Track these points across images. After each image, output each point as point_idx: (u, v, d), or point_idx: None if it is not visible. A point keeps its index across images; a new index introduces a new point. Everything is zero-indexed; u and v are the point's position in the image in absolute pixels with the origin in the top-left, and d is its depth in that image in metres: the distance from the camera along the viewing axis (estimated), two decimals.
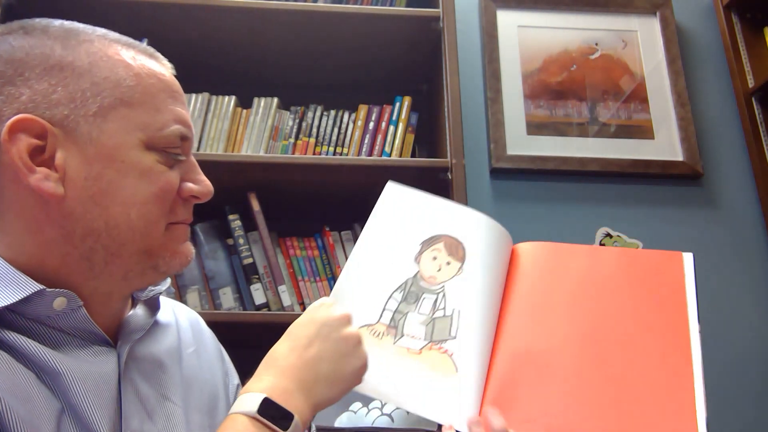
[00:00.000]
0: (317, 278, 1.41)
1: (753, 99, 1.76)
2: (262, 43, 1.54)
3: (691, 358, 0.61)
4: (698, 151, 1.70)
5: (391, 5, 1.64)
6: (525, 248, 0.73)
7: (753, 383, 1.53)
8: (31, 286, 0.53)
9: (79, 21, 0.69)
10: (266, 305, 1.36)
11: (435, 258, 0.69)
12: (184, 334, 0.72)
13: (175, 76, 0.67)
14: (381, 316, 0.66)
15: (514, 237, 1.66)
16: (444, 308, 0.66)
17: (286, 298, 1.36)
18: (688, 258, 0.70)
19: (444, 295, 0.67)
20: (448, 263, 0.69)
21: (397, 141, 1.50)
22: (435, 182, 1.39)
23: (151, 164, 0.58)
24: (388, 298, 0.66)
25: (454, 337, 0.64)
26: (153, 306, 0.68)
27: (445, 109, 1.43)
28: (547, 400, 0.60)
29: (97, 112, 0.56)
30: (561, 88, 1.77)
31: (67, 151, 0.55)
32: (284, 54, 1.58)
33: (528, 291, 0.68)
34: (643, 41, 1.83)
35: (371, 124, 1.51)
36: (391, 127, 1.51)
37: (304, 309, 1.38)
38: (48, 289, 0.54)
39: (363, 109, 1.53)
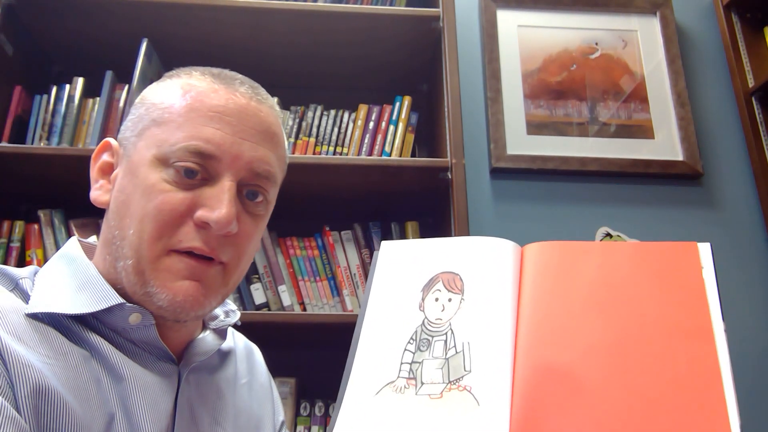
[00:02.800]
0: (317, 278, 1.41)
1: (753, 99, 1.76)
2: (262, 43, 1.54)
3: (718, 362, 0.57)
4: (698, 151, 1.70)
5: (391, 5, 1.64)
6: (533, 250, 0.70)
7: (752, 383, 1.53)
8: (115, 299, 0.58)
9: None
10: (266, 305, 1.36)
11: (437, 299, 0.68)
12: (240, 365, 0.75)
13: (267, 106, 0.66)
14: (399, 371, 0.64)
15: (514, 237, 1.66)
16: (455, 345, 0.64)
17: (286, 297, 1.36)
18: (704, 249, 0.63)
19: (452, 333, 0.65)
20: (450, 299, 0.67)
21: (397, 141, 1.49)
22: (435, 182, 1.39)
23: (154, 181, 0.58)
24: (403, 352, 0.65)
25: (470, 371, 0.62)
26: (221, 335, 0.70)
27: (445, 109, 1.43)
28: (577, 417, 0.57)
29: (138, 132, 0.62)
30: (561, 88, 1.76)
31: (120, 168, 0.62)
32: (284, 54, 1.58)
33: (542, 298, 0.65)
34: (643, 41, 1.83)
35: (371, 124, 1.51)
36: (391, 127, 1.51)
37: (304, 309, 1.38)
38: (127, 304, 0.58)
39: (363, 109, 1.53)
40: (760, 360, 1.55)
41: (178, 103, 0.60)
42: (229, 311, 0.73)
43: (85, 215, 1.41)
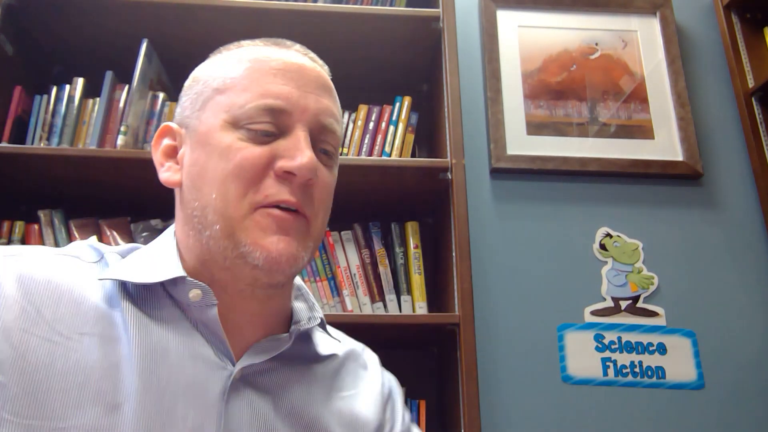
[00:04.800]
0: (317, 278, 1.41)
1: (753, 99, 1.76)
2: None
3: None
4: (698, 151, 1.70)
5: (391, 5, 1.64)
6: None
7: (753, 383, 1.53)
8: (178, 272, 0.57)
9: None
10: None
11: None
12: (346, 376, 0.69)
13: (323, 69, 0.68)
14: None
15: (513, 237, 1.67)
16: None
17: None
18: None
19: None
20: None
21: (397, 141, 1.49)
22: (435, 182, 1.39)
23: (230, 142, 0.58)
24: None
25: None
26: (305, 340, 0.65)
27: (445, 109, 1.43)
28: None
29: (200, 107, 0.62)
30: (561, 88, 1.76)
31: (186, 146, 0.62)
32: None
33: None
34: (643, 41, 1.83)
35: (371, 124, 1.51)
36: (391, 127, 1.51)
37: None
38: (189, 278, 0.57)
39: (363, 109, 1.53)
40: (759, 360, 1.55)
41: (238, 68, 0.61)
42: (311, 317, 0.67)
43: (85, 215, 1.41)
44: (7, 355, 0.49)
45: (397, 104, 1.52)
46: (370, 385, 0.70)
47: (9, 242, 1.38)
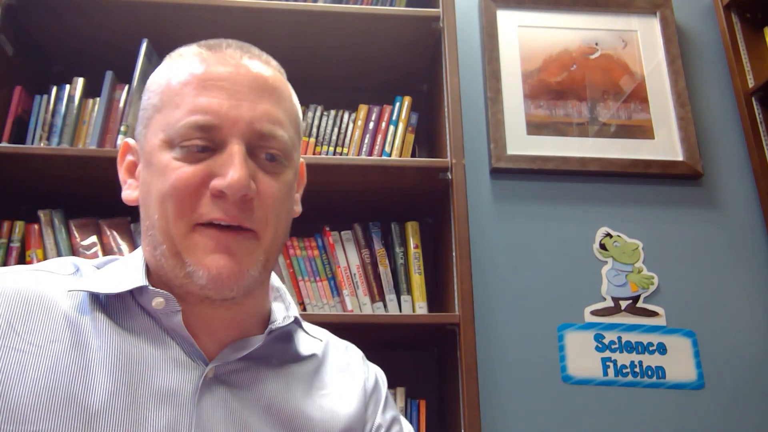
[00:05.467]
0: (317, 278, 1.41)
1: (753, 99, 1.76)
2: (262, 44, 1.53)
3: None
4: (698, 151, 1.70)
5: (391, 5, 1.64)
6: None
7: (753, 383, 1.53)
8: (141, 281, 0.58)
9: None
10: None
11: None
12: (326, 375, 0.69)
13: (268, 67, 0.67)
14: None
15: (514, 237, 1.67)
16: None
17: None
18: None
19: None
20: None
21: (397, 141, 1.49)
22: (435, 182, 1.39)
23: (167, 162, 0.57)
24: None
25: None
26: (285, 340, 0.66)
27: (445, 109, 1.43)
28: None
29: (146, 124, 0.62)
30: (561, 88, 1.76)
31: (140, 162, 0.63)
32: (284, 54, 1.57)
33: None
34: (643, 41, 1.83)
35: (371, 124, 1.51)
36: (391, 127, 1.51)
37: (304, 309, 1.38)
38: (150, 288, 0.58)
39: (363, 109, 1.53)
40: (759, 360, 1.55)
41: (171, 82, 0.61)
42: (286, 316, 0.67)
43: (85, 215, 1.41)
44: None
45: (397, 104, 1.52)
46: (351, 382, 0.71)
47: (9, 242, 1.38)
